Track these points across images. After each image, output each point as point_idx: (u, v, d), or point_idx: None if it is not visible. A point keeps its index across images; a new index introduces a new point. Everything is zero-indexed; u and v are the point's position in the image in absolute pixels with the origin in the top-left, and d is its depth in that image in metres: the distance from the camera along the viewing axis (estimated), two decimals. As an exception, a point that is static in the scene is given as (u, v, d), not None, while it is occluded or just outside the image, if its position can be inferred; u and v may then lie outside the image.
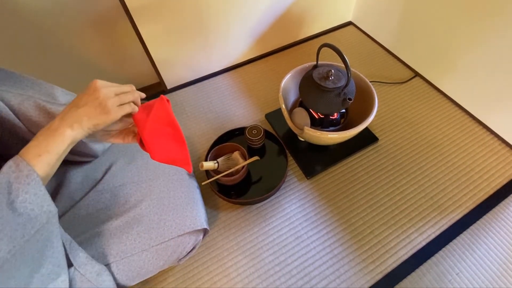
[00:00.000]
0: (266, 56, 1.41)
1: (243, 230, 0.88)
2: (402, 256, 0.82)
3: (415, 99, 1.18)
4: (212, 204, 0.94)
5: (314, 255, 0.83)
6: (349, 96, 0.82)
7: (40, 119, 0.54)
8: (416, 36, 1.20)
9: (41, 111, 0.55)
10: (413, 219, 0.88)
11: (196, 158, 1.05)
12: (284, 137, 1.07)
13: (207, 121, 1.16)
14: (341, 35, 1.49)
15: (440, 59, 1.13)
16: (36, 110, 0.54)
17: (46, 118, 0.55)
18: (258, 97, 1.23)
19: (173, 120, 0.54)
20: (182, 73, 1.26)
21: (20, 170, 0.39)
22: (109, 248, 0.58)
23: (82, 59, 1.07)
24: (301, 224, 0.89)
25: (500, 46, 0.91)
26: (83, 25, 0.98)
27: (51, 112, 0.55)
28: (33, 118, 0.54)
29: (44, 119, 0.54)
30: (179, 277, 0.81)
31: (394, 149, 1.04)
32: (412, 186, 0.95)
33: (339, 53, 0.76)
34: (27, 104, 0.54)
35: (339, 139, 0.88)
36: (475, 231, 0.86)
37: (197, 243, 0.71)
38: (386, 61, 1.34)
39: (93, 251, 0.57)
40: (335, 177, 0.98)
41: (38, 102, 0.55)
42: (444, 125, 1.09)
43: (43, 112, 0.55)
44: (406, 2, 1.18)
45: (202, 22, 1.10)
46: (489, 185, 0.94)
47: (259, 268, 0.82)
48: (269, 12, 1.24)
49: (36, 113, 0.54)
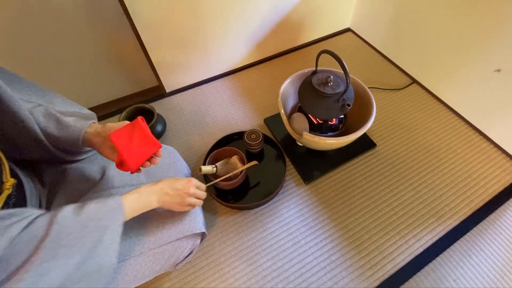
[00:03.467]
0: (265, 61, 1.42)
1: (241, 235, 0.88)
2: (400, 262, 0.82)
3: (413, 106, 1.19)
4: (210, 208, 0.93)
5: (312, 261, 0.83)
6: (347, 102, 0.82)
7: (46, 124, 0.55)
8: (414, 43, 1.22)
9: (50, 117, 0.56)
10: (410, 225, 0.88)
11: (195, 162, 1.05)
12: (283, 142, 1.07)
13: (205, 125, 1.16)
14: (339, 41, 1.51)
15: (438, 66, 1.15)
16: (45, 116, 0.56)
17: (54, 124, 0.56)
18: (257, 102, 1.24)
19: (150, 137, 0.58)
20: (181, 77, 1.27)
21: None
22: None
23: (81, 61, 1.07)
24: (299, 229, 0.89)
25: (497, 54, 0.93)
26: (83, 28, 0.99)
27: (56, 115, 0.56)
28: (41, 124, 0.55)
29: (53, 125, 0.56)
30: (175, 282, 0.80)
31: (392, 155, 1.05)
32: (409, 192, 0.95)
33: (338, 60, 0.77)
34: (38, 110, 0.55)
35: (337, 144, 0.88)
36: (472, 238, 0.86)
37: (195, 248, 0.70)
38: (384, 68, 1.35)
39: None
40: (333, 182, 0.99)
41: (47, 108, 0.57)
42: (441, 131, 1.10)
43: (53, 118, 0.56)
44: (404, 10, 1.19)
45: (201, 27, 1.11)
46: (486, 191, 0.95)
47: (256, 274, 0.81)
48: (269, 18, 1.25)
49: (46, 119, 0.56)
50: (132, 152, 0.55)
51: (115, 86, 1.23)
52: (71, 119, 0.58)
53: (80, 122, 0.58)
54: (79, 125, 0.57)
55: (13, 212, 0.39)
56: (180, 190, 0.61)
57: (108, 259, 0.46)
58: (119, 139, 0.54)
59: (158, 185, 0.59)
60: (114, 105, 1.26)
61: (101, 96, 1.23)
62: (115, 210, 0.48)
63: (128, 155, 0.54)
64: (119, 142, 0.54)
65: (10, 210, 0.41)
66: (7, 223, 0.38)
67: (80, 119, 0.59)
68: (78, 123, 0.57)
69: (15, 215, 0.39)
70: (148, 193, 0.56)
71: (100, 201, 0.48)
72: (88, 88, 1.17)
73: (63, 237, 0.40)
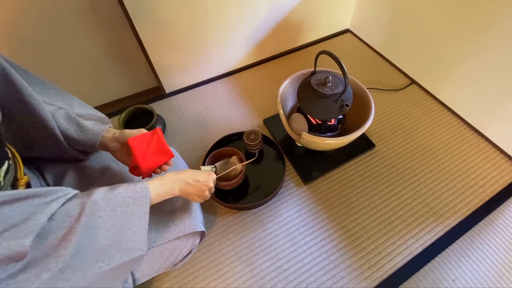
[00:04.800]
0: (264, 62, 1.42)
1: (240, 235, 0.88)
2: (399, 262, 0.82)
3: (412, 106, 1.19)
4: (209, 209, 0.94)
5: (311, 261, 0.83)
6: (346, 102, 0.83)
7: (67, 127, 0.58)
8: (412, 44, 1.22)
9: (71, 120, 0.59)
10: (409, 225, 0.89)
11: (194, 162, 1.05)
12: (282, 142, 1.08)
13: (205, 126, 1.17)
14: (338, 42, 1.51)
15: (436, 67, 1.15)
16: (66, 119, 0.58)
17: (74, 127, 0.59)
18: (256, 103, 1.24)
19: (165, 147, 0.61)
20: (181, 78, 1.27)
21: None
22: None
23: (82, 62, 1.07)
24: (298, 229, 0.89)
25: (495, 55, 0.93)
26: (84, 29, 0.99)
27: (75, 119, 0.59)
28: (62, 126, 0.57)
29: (73, 127, 0.58)
30: (174, 283, 0.80)
31: (391, 155, 1.05)
32: (408, 192, 0.95)
33: (337, 60, 0.77)
34: (59, 113, 0.57)
35: (336, 145, 0.88)
36: (471, 238, 0.86)
37: (194, 247, 0.70)
38: (383, 68, 1.36)
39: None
40: (332, 182, 0.99)
41: (67, 111, 0.59)
42: (440, 132, 1.11)
43: (73, 121, 0.59)
44: (403, 11, 1.20)
45: (201, 28, 1.11)
46: (485, 191, 0.95)
47: (255, 274, 0.81)
48: (268, 19, 1.25)
49: (66, 121, 0.58)
50: (147, 159, 0.58)
51: (115, 87, 1.24)
52: (90, 122, 0.60)
53: (98, 126, 0.60)
54: (97, 129, 0.60)
55: (49, 191, 0.41)
56: (201, 183, 0.63)
57: (135, 245, 0.47)
58: (137, 145, 0.58)
59: (181, 174, 0.60)
60: (114, 105, 1.27)
61: (101, 97, 1.24)
62: (142, 197, 0.50)
63: (143, 161, 0.58)
64: (137, 148, 0.57)
65: (45, 188, 0.43)
66: (47, 199, 0.39)
67: (98, 123, 0.61)
68: (96, 127, 0.60)
69: (51, 193, 0.40)
70: (172, 181, 0.58)
71: (129, 187, 0.49)
72: (88, 89, 1.17)
73: (94, 220, 0.42)
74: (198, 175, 0.63)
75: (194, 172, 0.64)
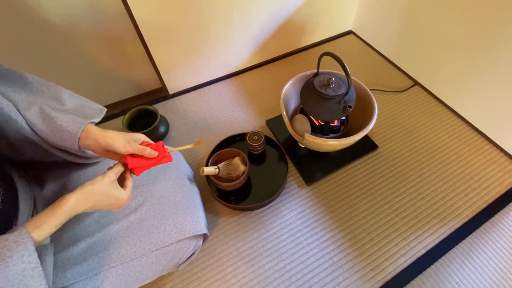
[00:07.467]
0: (267, 64, 1.42)
1: (243, 236, 0.88)
2: (402, 264, 0.82)
3: (415, 108, 1.19)
4: (212, 209, 0.94)
5: (314, 262, 0.83)
6: (349, 103, 0.83)
7: (42, 127, 0.53)
8: (415, 46, 1.22)
9: (45, 118, 0.53)
10: (412, 227, 0.88)
11: (197, 163, 1.05)
12: (285, 143, 1.08)
13: (208, 127, 1.17)
14: (341, 43, 1.51)
15: (439, 69, 1.15)
16: (40, 117, 0.53)
17: (49, 126, 0.53)
18: (259, 104, 1.25)
19: (164, 156, 0.59)
20: (184, 79, 1.28)
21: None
22: (109, 253, 0.58)
23: (85, 63, 1.08)
24: (300, 230, 0.89)
25: (499, 56, 0.93)
26: (88, 30, 1.00)
27: (52, 118, 0.53)
28: (36, 125, 0.52)
29: (47, 127, 0.53)
30: (177, 283, 0.80)
31: (394, 156, 1.05)
32: (411, 194, 0.95)
33: (340, 62, 0.77)
34: (33, 110, 0.52)
35: (339, 146, 0.88)
36: (475, 240, 0.86)
37: (197, 249, 0.71)
38: (385, 70, 1.35)
39: (94, 256, 0.57)
40: (335, 184, 0.99)
41: (43, 108, 0.53)
42: (443, 133, 1.10)
43: (47, 119, 0.53)
44: (406, 12, 1.20)
45: (205, 30, 1.12)
46: (488, 193, 0.94)
47: (258, 275, 0.81)
48: (271, 21, 1.26)
49: (40, 120, 0.53)
50: (141, 164, 0.56)
51: (118, 88, 1.25)
52: (68, 118, 0.53)
53: (74, 126, 0.53)
54: (72, 129, 0.53)
55: None
56: (114, 205, 0.53)
57: None
58: (135, 163, 0.55)
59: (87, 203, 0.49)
60: (118, 106, 1.27)
61: (104, 98, 1.25)
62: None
63: (137, 171, 0.56)
64: (133, 165, 0.55)
65: None
66: None
67: (77, 119, 0.54)
68: (71, 127, 0.53)
69: None
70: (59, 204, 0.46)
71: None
72: (92, 90, 1.18)
73: None
74: (110, 199, 0.51)
75: (105, 196, 0.50)
